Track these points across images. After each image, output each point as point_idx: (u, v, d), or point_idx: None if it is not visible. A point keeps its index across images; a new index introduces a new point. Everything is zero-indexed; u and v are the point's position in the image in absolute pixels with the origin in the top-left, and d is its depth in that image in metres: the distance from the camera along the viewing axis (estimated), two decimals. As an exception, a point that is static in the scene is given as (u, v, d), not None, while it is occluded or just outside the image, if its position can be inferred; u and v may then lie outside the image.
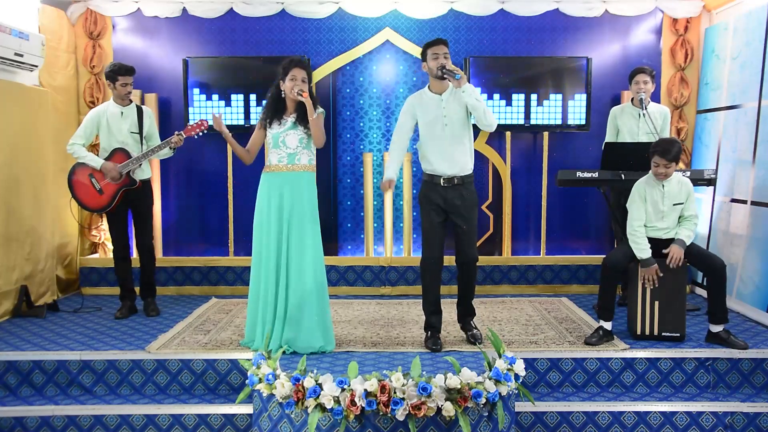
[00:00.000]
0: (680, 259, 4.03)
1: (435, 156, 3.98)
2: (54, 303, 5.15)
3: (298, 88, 3.85)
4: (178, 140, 4.68)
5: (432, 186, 4.00)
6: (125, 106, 4.81)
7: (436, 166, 3.98)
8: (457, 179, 3.97)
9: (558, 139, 6.05)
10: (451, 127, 3.95)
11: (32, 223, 5.17)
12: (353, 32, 6.01)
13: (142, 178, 4.85)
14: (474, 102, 3.84)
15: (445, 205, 3.99)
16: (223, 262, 5.86)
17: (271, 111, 3.99)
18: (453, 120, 3.94)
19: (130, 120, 4.80)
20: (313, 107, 3.84)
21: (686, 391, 3.93)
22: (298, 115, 3.93)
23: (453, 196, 3.98)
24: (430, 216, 4.01)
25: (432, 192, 4.00)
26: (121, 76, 4.71)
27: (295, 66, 3.89)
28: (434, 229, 4.01)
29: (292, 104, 3.97)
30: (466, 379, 3.19)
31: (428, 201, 4.02)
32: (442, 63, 3.85)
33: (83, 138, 4.76)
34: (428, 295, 4.10)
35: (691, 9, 5.85)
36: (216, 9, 5.92)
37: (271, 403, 3.31)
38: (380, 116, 6.10)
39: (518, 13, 5.94)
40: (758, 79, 5.00)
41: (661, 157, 4.00)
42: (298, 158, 3.95)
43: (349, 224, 6.21)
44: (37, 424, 3.69)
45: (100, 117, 4.78)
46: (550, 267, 5.82)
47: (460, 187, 3.98)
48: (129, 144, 4.77)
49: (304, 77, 3.89)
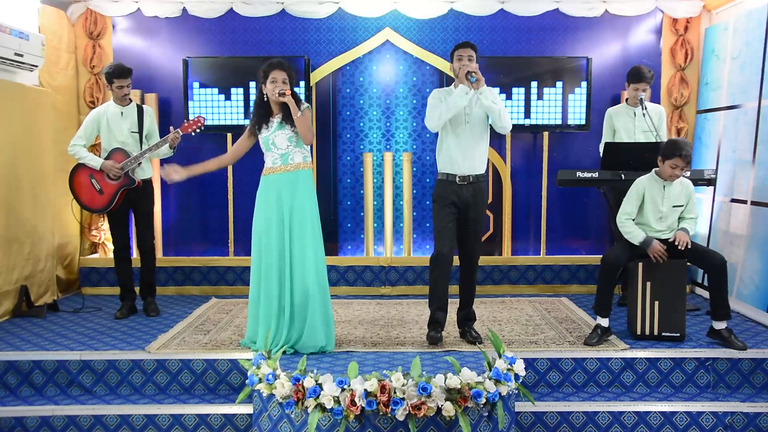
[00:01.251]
0: (688, 242, 4.04)
1: (454, 153, 4.05)
2: (54, 303, 5.15)
3: (278, 89, 3.86)
4: (175, 137, 4.70)
5: (448, 184, 4.08)
6: (125, 106, 4.82)
7: (454, 164, 4.05)
8: (473, 177, 4.07)
9: (558, 139, 6.05)
10: (472, 125, 4.05)
11: (32, 223, 5.17)
12: (353, 32, 6.01)
13: (143, 177, 4.85)
14: (489, 104, 3.98)
15: (459, 202, 4.06)
16: (223, 262, 5.86)
17: (257, 116, 4.01)
18: (474, 119, 4.05)
19: (130, 120, 4.81)
20: (296, 105, 3.85)
21: (686, 391, 3.93)
22: (284, 116, 3.94)
23: (467, 194, 4.06)
24: (444, 212, 4.07)
25: (447, 189, 4.08)
26: (117, 79, 4.71)
27: (274, 68, 3.90)
28: (447, 225, 4.07)
29: (276, 106, 3.97)
30: (466, 379, 3.20)
31: (443, 198, 4.09)
32: (464, 65, 3.98)
33: (84, 139, 4.79)
34: (436, 289, 4.10)
35: (691, 9, 5.85)
36: (216, 9, 5.92)
37: (271, 403, 3.32)
38: (380, 116, 6.10)
39: (518, 13, 5.95)
40: (758, 79, 5.00)
41: (683, 160, 4.00)
42: (291, 157, 3.96)
43: (349, 224, 6.21)
44: (37, 424, 3.68)
45: (100, 117, 4.80)
46: (550, 267, 5.82)
47: (474, 185, 4.08)
48: (129, 144, 4.78)
49: (284, 78, 3.89)
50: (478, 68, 3.94)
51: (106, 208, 4.77)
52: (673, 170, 4.04)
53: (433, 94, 4.14)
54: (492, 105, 3.98)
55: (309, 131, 3.93)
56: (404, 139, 6.10)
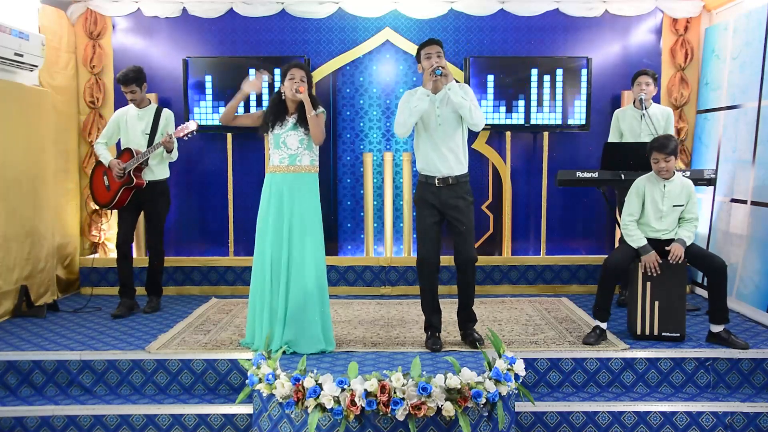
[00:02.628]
0: (681, 257, 4.03)
1: (429, 154, 3.99)
2: (54, 303, 5.15)
3: (296, 86, 3.88)
4: (167, 140, 4.76)
5: (427, 187, 4.01)
6: (142, 109, 4.95)
7: (430, 165, 3.99)
8: (452, 179, 3.97)
9: (558, 139, 6.05)
10: (444, 126, 3.96)
11: (32, 223, 5.17)
12: (353, 32, 6.01)
13: (151, 179, 4.92)
14: (459, 100, 3.87)
15: (440, 205, 3.99)
16: (223, 262, 5.86)
17: (272, 113, 4.02)
18: (445, 119, 3.96)
19: (145, 122, 4.93)
20: (312, 106, 3.87)
21: (686, 391, 3.93)
22: (299, 116, 3.96)
23: (448, 197, 3.97)
24: (425, 216, 4.02)
25: (427, 192, 4.01)
26: (121, 86, 4.87)
27: (293, 66, 3.98)
28: (429, 229, 4.01)
29: (292, 105, 3.99)
30: (466, 379, 3.20)
31: (423, 201, 4.04)
32: (432, 63, 3.88)
33: (105, 137, 5.02)
34: (426, 294, 4.10)
35: (691, 9, 5.85)
36: (216, 9, 5.92)
37: (271, 403, 3.32)
38: (380, 116, 6.10)
39: (518, 13, 5.94)
40: (758, 79, 5.00)
41: (659, 152, 4.03)
42: (299, 159, 3.96)
43: (349, 224, 6.21)
44: (37, 424, 3.68)
45: (120, 118, 5.01)
46: (550, 267, 5.82)
47: (455, 186, 3.98)
48: (141, 145, 4.91)
49: (302, 76, 3.95)
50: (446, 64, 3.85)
51: (109, 204, 4.91)
52: (656, 164, 4.06)
53: (404, 97, 4.03)
54: (462, 101, 3.86)
55: (321, 132, 3.95)
56: (404, 139, 6.10)
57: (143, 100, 4.94)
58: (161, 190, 5.01)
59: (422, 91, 3.88)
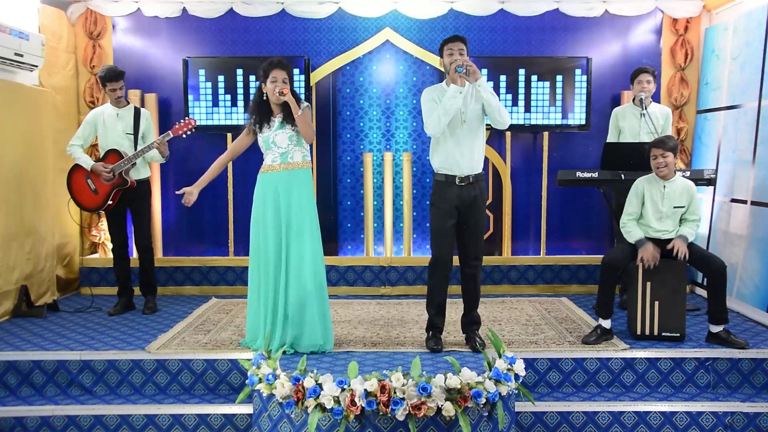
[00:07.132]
0: (685, 252, 4.03)
1: (452, 152, 3.89)
2: (54, 303, 5.15)
3: (279, 88, 3.87)
4: (161, 142, 4.74)
5: (446, 186, 3.92)
6: (121, 108, 4.89)
7: (451, 164, 3.90)
8: (472, 177, 3.92)
9: (558, 139, 6.05)
10: (469, 123, 3.89)
11: (32, 223, 5.17)
12: (353, 32, 6.01)
13: (138, 178, 4.90)
14: (488, 96, 3.81)
15: (461, 204, 3.91)
16: (223, 262, 5.86)
17: (258, 115, 4.00)
18: (470, 116, 3.89)
19: (125, 122, 4.87)
20: (296, 104, 3.86)
21: (686, 391, 3.93)
22: (285, 115, 3.95)
23: (468, 195, 3.91)
24: (445, 218, 3.92)
25: (447, 192, 3.91)
26: (109, 82, 4.80)
27: (274, 68, 3.91)
28: (446, 230, 3.94)
29: (276, 106, 3.98)
30: (466, 379, 3.19)
31: (443, 201, 3.93)
32: (455, 59, 3.81)
33: (81, 139, 4.88)
34: (434, 296, 4.04)
35: (691, 9, 5.85)
36: (216, 9, 5.92)
37: (271, 403, 3.31)
38: (380, 116, 6.10)
39: (518, 13, 5.94)
40: (758, 79, 5.00)
41: (657, 147, 4.04)
42: (290, 156, 3.96)
43: (349, 224, 6.21)
44: (37, 424, 3.68)
45: (96, 118, 4.89)
46: (550, 267, 5.82)
47: (474, 185, 3.93)
48: (124, 145, 4.84)
49: (284, 78, 3.90)
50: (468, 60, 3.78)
51: (101, 207, 4.85)
52: (654, 160, 4.10)
53: (426, 95, 3.95)
54: (491, 97, 3.81)
55: (310, 129, 3.95)
56: (404, 139, 6.10)
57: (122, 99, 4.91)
58: (147, 188, 5.03)
59: (454, 88, 3.77)
